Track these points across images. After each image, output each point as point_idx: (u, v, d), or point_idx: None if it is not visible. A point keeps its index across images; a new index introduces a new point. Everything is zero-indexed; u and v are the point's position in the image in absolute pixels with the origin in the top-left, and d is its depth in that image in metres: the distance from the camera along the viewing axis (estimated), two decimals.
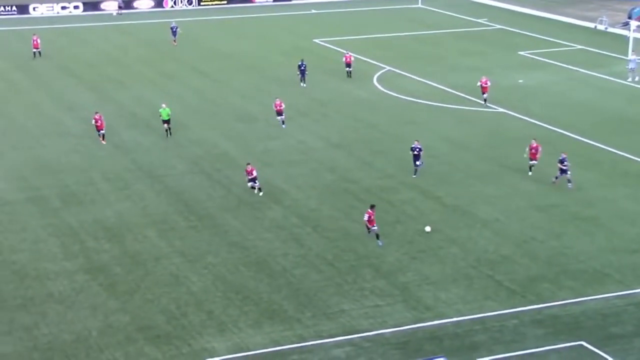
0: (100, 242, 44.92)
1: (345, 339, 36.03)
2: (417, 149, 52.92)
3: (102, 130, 59.83)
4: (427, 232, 45.04)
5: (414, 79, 77.31)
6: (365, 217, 44.42)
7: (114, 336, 36.22)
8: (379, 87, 74.62)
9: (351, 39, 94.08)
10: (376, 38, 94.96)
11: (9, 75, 78.77)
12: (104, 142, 59.18)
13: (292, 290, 40.07)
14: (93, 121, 59.90)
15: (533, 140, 53.92)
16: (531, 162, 53.49)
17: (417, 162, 52.76)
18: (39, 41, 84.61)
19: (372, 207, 44.73)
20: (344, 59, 77.30)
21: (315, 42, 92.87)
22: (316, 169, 55.32)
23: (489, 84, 68.06)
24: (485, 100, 67.74)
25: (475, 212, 48.46)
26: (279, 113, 62.91)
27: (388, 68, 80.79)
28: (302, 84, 73.38)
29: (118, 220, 47.53)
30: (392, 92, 72.77)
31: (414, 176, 52.51)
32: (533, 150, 53.37)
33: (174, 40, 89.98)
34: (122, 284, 40.61)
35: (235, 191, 51.47)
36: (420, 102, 70.05)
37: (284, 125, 62.01)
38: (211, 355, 34.92)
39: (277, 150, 58.91)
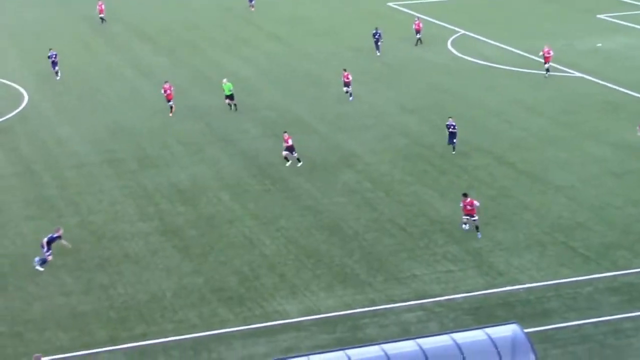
0: (175, 205, 45.48)
1: (416, 304, 35.99)
2: (452, 126, 51.37)
3: (170, 101, 58.66)
4: None
5: (489, 43, 76.24)
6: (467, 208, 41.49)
7: (188, 297, 36.75)
8: (453, 51, 73.79)
9: (425, 2, 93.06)
10: (451, 1, 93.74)
11: (87, 39, 79.82)
12: (170, 115, 58.39)
13: (364, 254, 40.13)
14: (162, 90, 59.63)
15: None
16: None
17: (454, 140, 51.19)
18: (103, 7, 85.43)
19: (464, 195, 42.00)
20: (413, 26, 76.44)
21: (389, 5, 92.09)
22: (389, 134, 55.10)
23: (551, 53, 66.33)
24: (547, 70, 66.08)
25: (550, 178, 47.80)
26: (347, 84, 62.10)
27: (462, 32, 79.80)
28: (377, 52, 72.75)
29: (192, 184, 48.05)
30: (467, 56, 71.90)
31: (453, 153, 51.09)
32: None
33: (251, 6, 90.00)
34: (196, 246, 41.11)
35: (308, 155, 51.56)
36: (496, 67, 69.09)
37: (351, 98, 61.34)
38: (283, 318, 35.22)
39: (349, 114, 58.79)
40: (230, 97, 59.66)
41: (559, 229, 41.98)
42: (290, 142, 49.61)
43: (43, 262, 38.76)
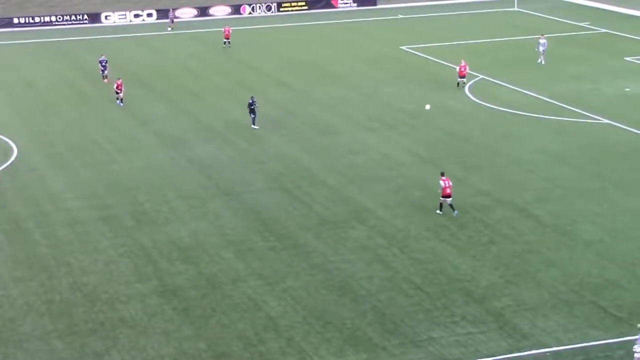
0: (175, 264, 45.55)
1: None
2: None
3: (120, 93, 64.47)
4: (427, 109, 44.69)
5: (509, 87, 76.71)
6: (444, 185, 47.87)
7: None
8: (472, 97, 74.22)
9: (441, 45, 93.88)
10: (468, 44, 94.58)
11: (81, 88, 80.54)
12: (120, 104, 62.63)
13: (377, 315, 40.02)
14: (115, 85, 62.58)
15: None
16: None
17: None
18: (230, 31, 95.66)
19: (442, 174, 48.16)
20: (458, 69, 76.74)
21: (402, 49, 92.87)
22: (404, 186, 55.23)
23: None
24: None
25: (577, 232, 47.78)
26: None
27: (481, 77, 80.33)
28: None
29: (193, 241, 48.15)
30: (486, 102, 72.31)
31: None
32: None
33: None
34: (197, 308, 41.09)
35: (317, 209, 51.70)
36: (517, 113, 69.43)
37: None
38: None
39: (361, 165, 59.01)
40: None
41: (588, 287, 41.86)
42: None
43: None
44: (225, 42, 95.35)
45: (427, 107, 42.93)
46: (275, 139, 64.89)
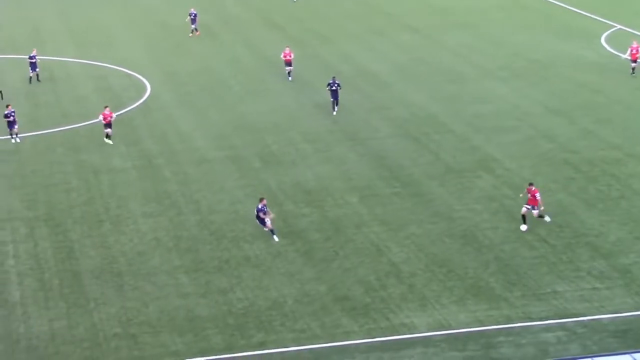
0: (299, 206, 45.87)
1: (556, 323, 35.29)
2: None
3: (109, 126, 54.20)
4: None
5: None
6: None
7: (310, 305, 37.00)
8: (607, 47, 72.06)
9: None
10: None
11: (214, 29, 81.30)
12: (108, 141, 54.06)
13: (500, 266, 39.60)
14: (101, 117, 54.26)
15: None
16: None
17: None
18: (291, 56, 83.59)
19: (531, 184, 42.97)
20: (629, 51, 65.27)
21: None
22: (532, 137, 54.22)
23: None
24: (633, 69, 63.65)
25: None
26: None
27: (619, 26, 77.83)
28: None
29: (318, 184, 48.37)
30: (623, 53, 70.10)
31: None
32: None
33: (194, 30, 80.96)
34: (320, 251, 41.36)
35: (442, 157, 51.26)
36: None
37: None
38: (410, 332, 35.08)
39: (489, 114, 58.14)
40: None
41: None
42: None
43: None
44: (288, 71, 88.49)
45: None
46: (402, 85, 64.40)
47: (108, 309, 36.84)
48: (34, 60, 65.30)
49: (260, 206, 42.21)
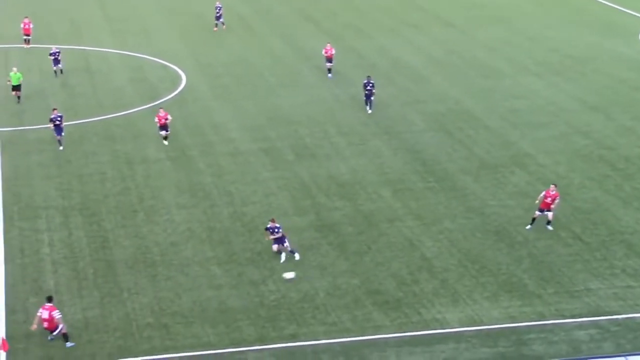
0: (333, 199, 45.85)
1: (590, 321, 35.07)
2: None
3: (166, 129, 52.95)
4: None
5: None
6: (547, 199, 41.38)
7: (342, 298, 36.98)
8: None
9: None
10: None
11: (249, 21, 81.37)
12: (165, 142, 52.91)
13: (534, 263, 39.38)
14: (157, 119, 53.29)
15: None
16: None
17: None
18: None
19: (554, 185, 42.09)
20: None
21: None
22: (567, 133, 53.85)
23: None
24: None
25: None
26: None
27: None
28: None
29: (352, 177, 48.31)
30: None
31: None
32: None
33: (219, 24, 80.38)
34: (353, 244, 41.32)
35: (477, 152, 51.03)
36: None
37: None
38: (442, 327, 35.00)
39: (524, 110, 57.81)
40: (17, 88, 59.56)
41: None
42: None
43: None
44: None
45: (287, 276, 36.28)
46: (437, 79, 64.16)
47: (141, 299, 37.04)
48: (56, 57, 65.18)
49: (269, 226, 39.94)
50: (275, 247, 39.99)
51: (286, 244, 39.81)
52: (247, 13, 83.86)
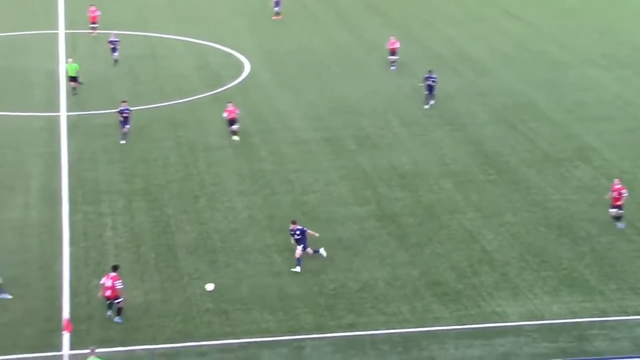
0: (394, 190, 45.74)
1: None
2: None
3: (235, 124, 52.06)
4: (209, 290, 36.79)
5: None
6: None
7: (401, 289, 36.90)
8: None
9: None
10: None
11: (314, 11, 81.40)
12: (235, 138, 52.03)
13: (596, 258, 38.92)
14: (226, 114, 52.33)
15: None
16: None
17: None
18: None
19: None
20: None
21: None
22: (633, 127, 53.12)
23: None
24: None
25: None
26: None
27: None
28: None
29: (413, 168, 48.15)
30: None
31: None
32: None
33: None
34: (413, 235, 41.20)
35: (541, 145, 50.55)
36: None
37: None
38: (502, 320, 34.74)
39: (590, 103, 57.13)
40: (74, 79, 58.53)
41: None
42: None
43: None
44: None
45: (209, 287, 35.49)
46: (503, 72, 63.63)
47: (201, 284, 37.28)
48: (114, 45, 65.35)
49: (290, 228, 38.82)
50: (297, 251, 38.50)
51: (308, 248, 38.64)
52: (311, 2, 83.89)
